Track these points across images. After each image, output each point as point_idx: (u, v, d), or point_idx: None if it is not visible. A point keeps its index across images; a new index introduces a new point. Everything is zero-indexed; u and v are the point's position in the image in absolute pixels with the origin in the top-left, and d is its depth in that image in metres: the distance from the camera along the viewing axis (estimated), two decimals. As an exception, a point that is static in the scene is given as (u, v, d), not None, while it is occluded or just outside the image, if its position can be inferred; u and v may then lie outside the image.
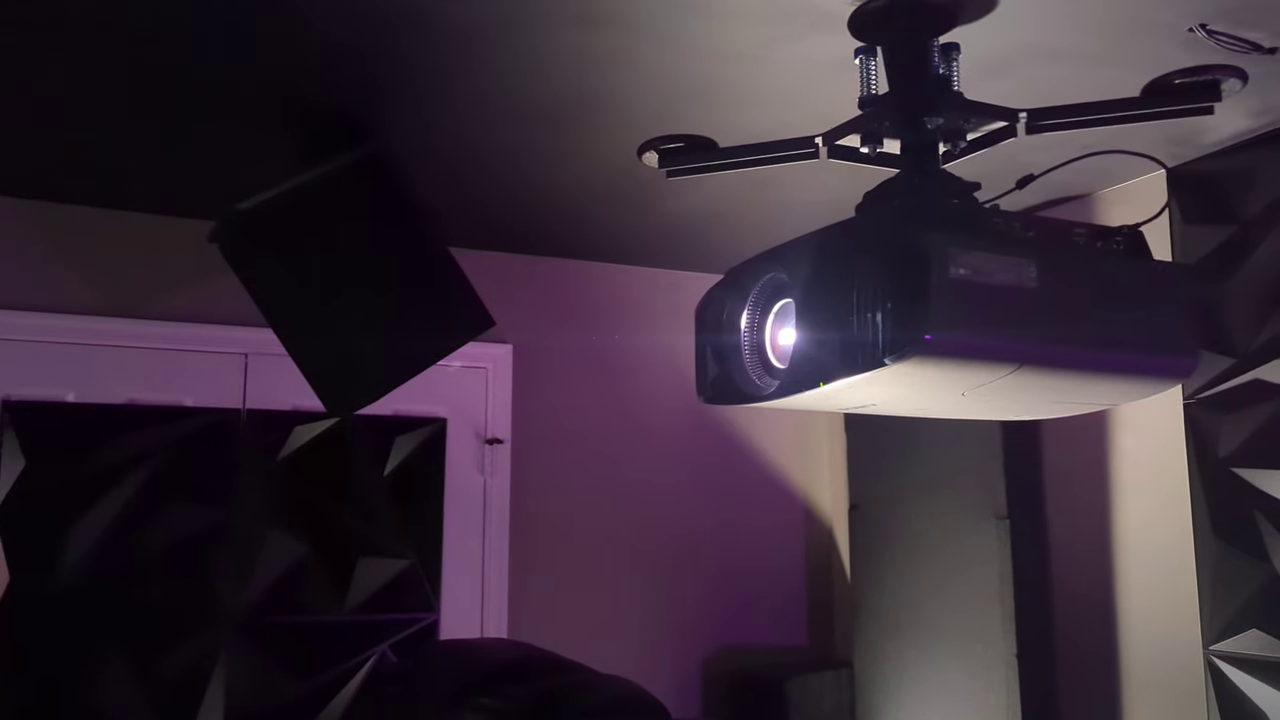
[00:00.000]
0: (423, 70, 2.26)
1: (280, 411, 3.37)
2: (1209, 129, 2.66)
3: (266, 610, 3.26)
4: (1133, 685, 3.05)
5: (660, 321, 3.98)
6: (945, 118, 1.68)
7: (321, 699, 3.28)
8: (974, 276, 1.36)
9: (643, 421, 3.94)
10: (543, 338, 3.79)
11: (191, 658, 3.16)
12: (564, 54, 2.17)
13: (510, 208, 3.27)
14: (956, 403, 1.58)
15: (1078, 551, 3.21)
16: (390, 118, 2.49)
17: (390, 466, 3.51)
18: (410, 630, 3.43)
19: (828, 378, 1.47)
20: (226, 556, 3.23)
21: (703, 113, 2.39)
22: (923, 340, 1.34)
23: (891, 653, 3.61)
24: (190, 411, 3.27)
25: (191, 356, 3.31)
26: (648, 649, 3.78)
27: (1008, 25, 2.03)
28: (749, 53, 2.16)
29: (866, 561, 3.78)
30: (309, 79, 2.31)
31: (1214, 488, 2.74)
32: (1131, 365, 1.51)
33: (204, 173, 2.92)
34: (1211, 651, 2.71)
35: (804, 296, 1.53)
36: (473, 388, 3.69)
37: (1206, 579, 2.74)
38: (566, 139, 2.64)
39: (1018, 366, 1.42)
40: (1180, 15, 2.03)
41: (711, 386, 1.76)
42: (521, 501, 3.70)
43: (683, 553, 3.92)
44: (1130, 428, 3.09)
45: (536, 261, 3.82)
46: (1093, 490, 3.17)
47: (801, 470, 4.21)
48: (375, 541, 3.44)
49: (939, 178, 1.67)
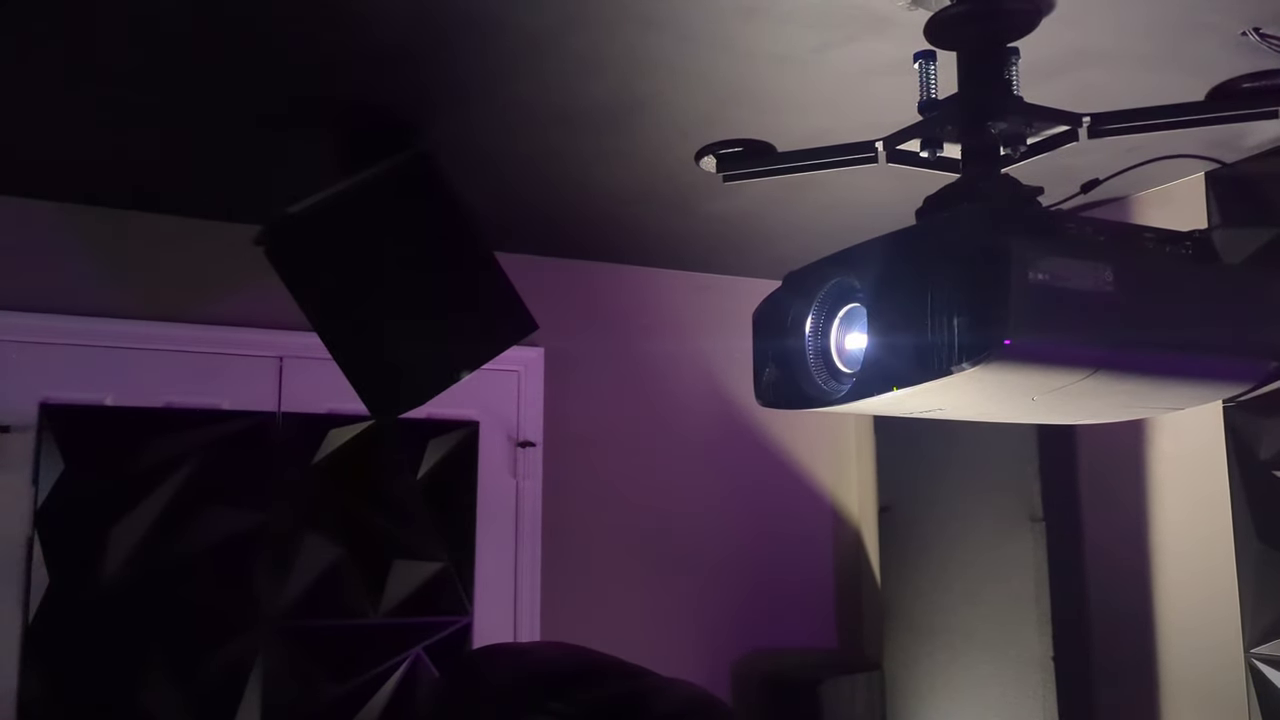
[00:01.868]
0: (473, 73, 2.27)
1: (315, 415, 3.38)
2: (1249, 132, 2.66)
3: (303, 612, 3.26)
4: (1172, 689, 3.04)
5: (691, 325, 3.98)
6: (1008, 122, 1.68)
7: (358, 701, 3.28)
8: (1053, 281, 1.36)
9: (672, 425, 3.95)
10: (574, 341, 3.80)
11: (229, 660, 3.17)
12: (615, 57, 2.18)
13: (553, 210, 3.27)
14: (1026, 407, 1.58)
15: (1114, 555, 3.20)
16: (439, 121, 2.50)
17: (424, 470, 3.51)
18: (444, 633, 3.44)
19: (901, 382, 1.46)
20: (263, 559, 3.24)
21: (752, 116, 2.40)
22: (1002, 345, 1.34)
23: (923, 656, 3.60)
24: (227, 415, 3.28)
25: (228, 360, 3.32)
26: (678, 651, 3.78)
27: (1061, 30, 2.04)
28: (800, 56, 2.16)
29: (897, 564, 3.78)
30: (358, 82, 2.32)
31: (1255, 490, 2.74)
32: (1205, 369, 1.51)
33: (243, 176, 2.93)
34: (1253, 654, 2.71)
35: (875, 300, 1.53)
36: (505, 391, 3.70)
37: (1248, 581, 2.74)
38: (615, 142, 2.64)
39: (1094, 371, 1.42)
40: (1232, 19, 2.03)
41: (771, 391, 1.76)
42: (553, 504, 3.70)
43: (713, 555, 3.93)
44: (1168, 430, 3.08)
45: (567, 265, 3.82)
46: (1129, 493, 3.17)
47: (830, 472, 4.21)
48: (409, 544, 3.44)
49: (1004, 182, 1.67)
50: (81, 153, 2.79)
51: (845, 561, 4.19)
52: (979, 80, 1.66)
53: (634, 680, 1.60)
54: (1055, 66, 2.21)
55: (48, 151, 2.79)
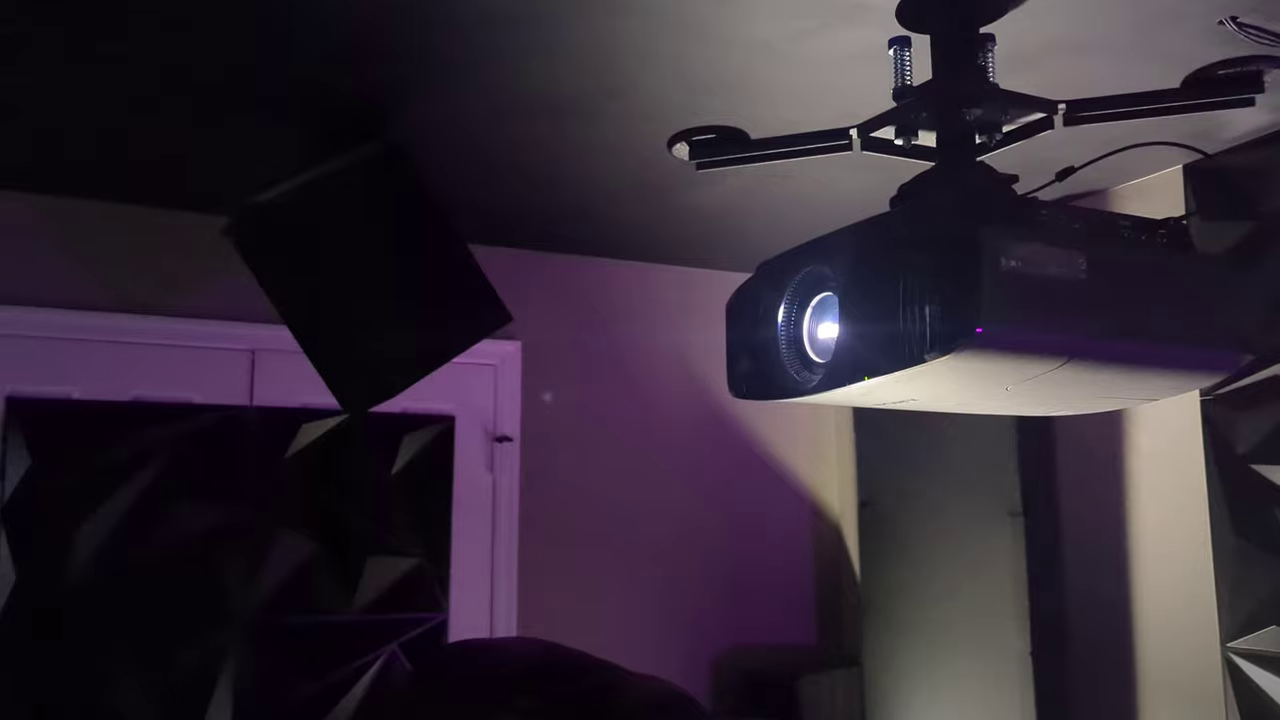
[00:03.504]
0: (444, 62, 2.23)
1: (288, 409, 3.33)
2: (1227, 124, 2.65)
3: (275, 609, 3.22)
4: (1149, 683, 3.04)
5: (670, 319, 3.96)
6: (984, 109, 1.66)
7: (331, 698, 3.25)
8: (1025, 269, 1.34)
9: (651, 419, 3.92)
10: (551, 335, 3.77)
11: (200, 657, 3.12)
12: (590, 44, 2.15)
13: (528, 202, 3.24)
14: (1000, 398, 1.56)
15: (1092, 549, 3.20)
16: (410, 110, 2.47)
17: (399, 464, 3.48)
18: (419, 629, 3.40)
19: (872, 372, 1.44)
20: (234, 555, 3.20)
21: (727, 105, 2.37)
22: (974, 333, 1.32)
23: (902, 651, 3.59)
24: (197, 409, 3.24)
25: (198, 353, 3.28)
26: (657, 647, 3.75)
27: (1038, 17, 2.02)
28: (775, 44, 2.14)
29: (877, 559, 3.76)
30: (329, 70, 2.28)
31: (1232, 484, 2.73)
32: (1178, 359, 1.49)
33: (213, 166, 2.88)
34: (1230, 648, 2.70)
35: (847, 289, 1.50)
36: (481, 385, 3.67)
37: (1225, 576, 2.73)
38: (589, 132, 2.62)
39: (1067, 360, 1.40)
40: (1210, 8, 2.02)
41: (744, 382, 1.74)
42: (530, 500, 3.67)
43: (692, 551, 3.90)
44: (1146, 424, 3.08)
45: (545, 258, 3.79)
46: (1108, 487, 3.16)
47: (810, 468, 4.19)
48: (384, 540, 3.41)
49: (979, 169, 1.65)
50: (49, 144, 2.74)
51: (825, 557, 4.17)
52: (953, 66, 1.64)
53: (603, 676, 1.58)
54: (1032, 55, 2.19)
55: (11, 141, 2.73)
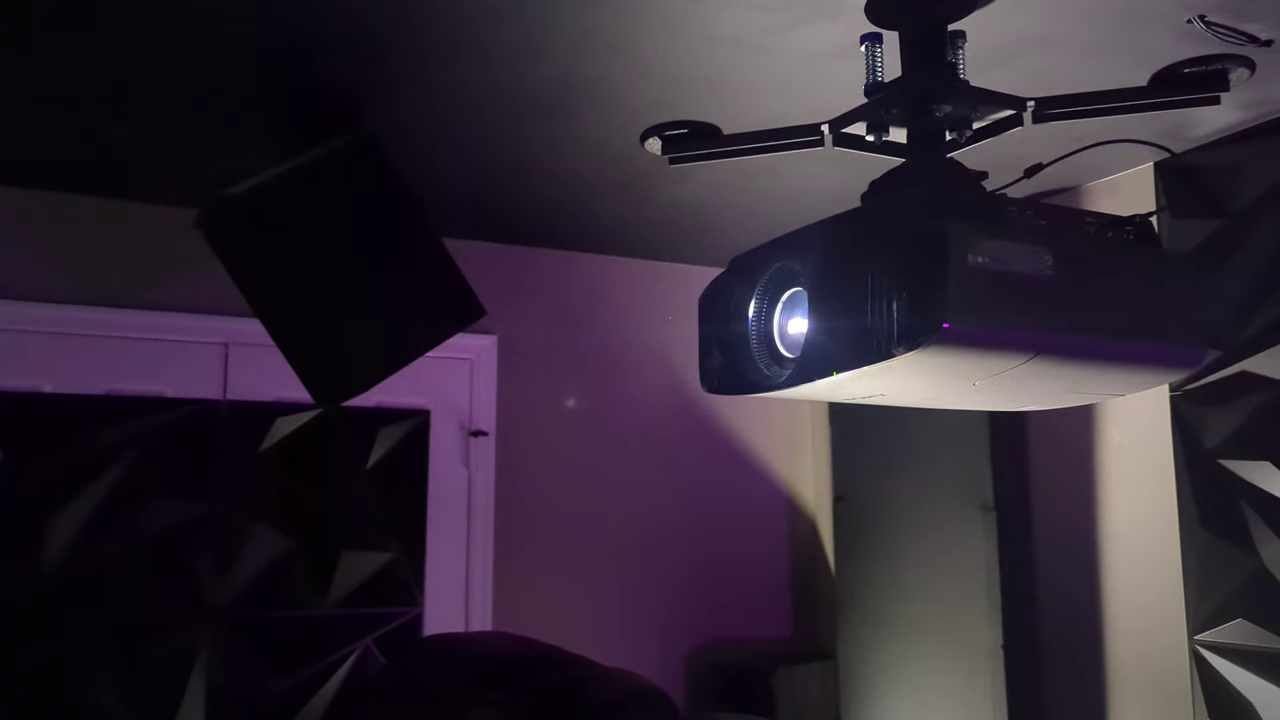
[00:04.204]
0: (419, 54, 2.23)
1: (262, 403, 3.32)
2: (1197, 122, 2.68)
3: (249, 604, 3.21)
4: (1118, 675, 3.07)
5: (646, 314, 3.96)
6: (954, 105, 1.66)
7: (305, 694, 3.24)
8: (992, 265, 1.35)
9: (627, 414, 3.92)
10: (527, 329, 3.76)
11: (173, 652, 3.11)
12: (563, 38, 2.14)
13: (501, 196, 3.23)
14: (968, 393, 1.57)
15: (1064, 543, 3.22)
16: (384, 103, 2.46)
17: (373, 459, 3.47)
18: (394, 624, 3.40)
19: (841, 367, 1.45)
20: (208, 550, 3.18)
21: (702, 100, 2.38)
22: (941, 328, 1.32)
23: (876, 644, 3.61)
24: (170, 403, 3.22)
25: (171, 346, 3.25)
26: (632, 642, 3.76)
27: (1009, 15, 2.03)
28: (749, 39, 2.14)
29: (851, 553, 3.78)
30: (300, 61, 2.26)
31: (1201, 479, 2.76)
32: (1144, 354, 1.50)
33: (186, 158, 2.86)
34: (1197, 641, 2.73)
35: (816, 285, 1.51)
36: (457, 380, 3.66)
37: (1193, 569, 2.76)
38: (563, 126, 2.61)
39: (1033, 355, 1.41)
40: (1178, 7, 2.03)
41: (716, 377, 1.74)
42: (506, 494, 3.67)
43: (667, 546, 3.91)
44: (1117, 419, 3.11)
45: (520, 252, 3.79)
46: (1079, 481, 3.19)
47: (786, 462, 4.21)
48: (358, 534, 3.40)
49: (949, 166, 1.65)
50: (19, 135, 2.71)
51: (800, 551, 4.19)
52: (922, 62, 1.64)
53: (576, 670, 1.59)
54: (1003, 53, 2.21)
55: (-20, 131, 2.71)
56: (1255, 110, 2.59)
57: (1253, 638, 2.61)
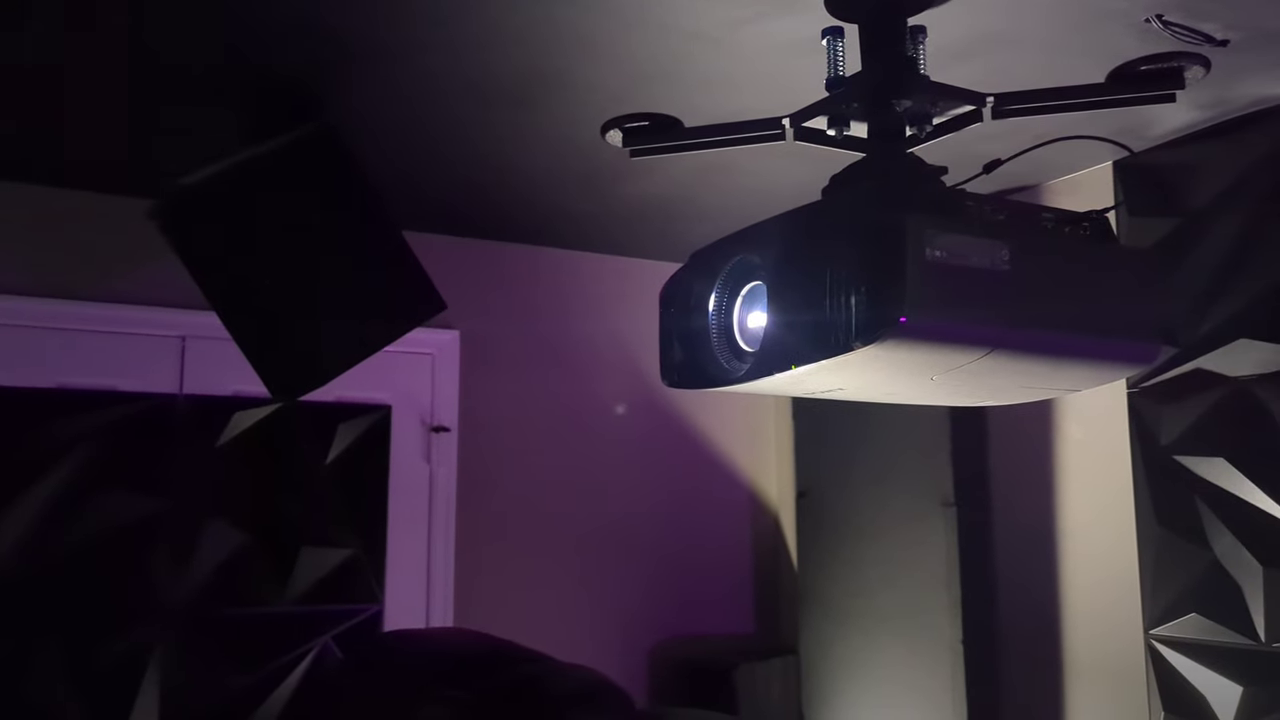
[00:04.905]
0: (379, 43, 2.20)
1: (219, 397, 3.27)
2: (1155, 122, 2.71)
3: (205, 601, 3.16)
4: (1075, 669, 3.10)
5: (610, 309, 3.95)
6: (914, 100, 1.67)
7: (262, 692, 3.19)
8: (949, 259, 1.36)
9: (591, 410, 3.91)
10: (490, 324, 3.74)
11: (126, 650, 3.05)
12: (526, 29, 2.13)
13: (463, 189, 3.21)
14: (926, 388, 1.57)
15: (1023, 538, 3.25)
16: (343, 92, 2.43)
17: (333, 454, 3.43)
18: (354, 621, 3.36)
19: (799, 360, 1.45)
20: (163, 546, 3.13)
21: (667, 94, 2.37)
22: (898, 322, 1.33)
23: (838, 639, 3.63)
24: (125, 397, 3.16)
25: (126, 339, 3.20)
26: (594, 637, 3.75)
27: (968, 11, 2.04)
28: (713, 33, 2.13)
29: (814, 548, 3.79)
30: (256, 49, 2.23)
31: (1156, 475, 2.80)
32: (1100, 349, 1.52)
33: (140, 147, 2.81)
34: (1152, 635, 2.76)
35: (775, 279, 1.51)
36: (418, 374, 3.63)
37: (1148, 564, 2.80)
38: (525, 118, 2.59)
39: (990, 350, 1.42)
40: (1136, 5, 2.05)
41: (676, 371, 1.74)
42: (468, 490, 3.64)
43: (630, 542, 3.90)
44: (1075, 416, 3.14)
45: (484, 246, 3.76)
46: (1038, 477, 3.22)
47: (749, 457, 4.21)
48: (317, 530, 3.36)
49: (908, 161, 1.66)
50: (-35, 119, 2.66)
51: (763, 547, 4.20)
52: (883, 56, 1.65)
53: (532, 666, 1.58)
54: (963, 49, 2.21)
55: (-72, 117, 2.65)
56: (1212, 110, 2.62)
57: (1206, 632, 2.64)
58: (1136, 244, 2.83)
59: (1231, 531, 2.60)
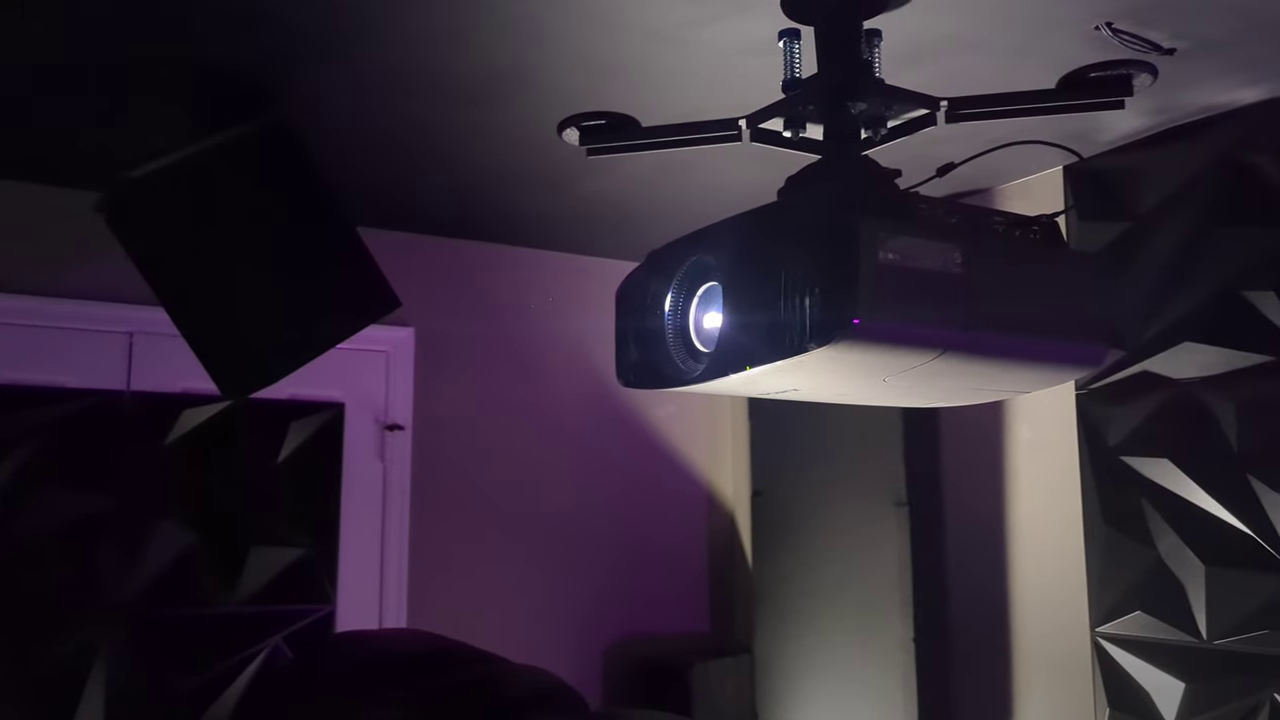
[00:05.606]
0: (334, 36, 2.17)
1: (168, 394, 3.22)
2: (1104, 128, 2.75)
3: (152, 601, 3.11)
4: (1024, 666, 3.14)
5: (567, 307, 3.93)
6: (868, 103, 1.68)
7: (211, 694, 3.15)
8: (902, 261, 1.37)
9: (546, 409, 3.90)
10: (446, 322, 3.71)
11: (71, 651, 3.00)
12: (481, 25, 2.11)
13: (418, 186, 3.18)
14: (879, 389, 1.58)
15: (974, 537, 3.29)
16: (298, 86, 2.39)
17: (285, 453, 3.38)
18: (305, 621, 3.32)
19: (754, 361, 1.45)
20: (109, 545, 3.08)
21: (624, 93, 2.36)
22: (851, 324, 1.33)
23: (792, 638, 3.65)
24: (71, 393, 3.10)
25: (72, 335, 3.14)
26: (549, 637, 3.74)
27: (923, 16, 2.06)
28: (670, 32, 2.13)
29: (768, 548, 3.81)
30: (207, 40, 2.19)
31: (1103, 475, 2.84)
32: (1048, 352, 1.54)
33: (88, 138, 2.76)
34: (1098, 633, 2.81)
35: (730, 279, 1.51)
36: (372, 372, 3.59)
37: (1095, 563, 2.84)
38: (481, 115, 2.58)
39: (942, 352, 1.43)
40: (1086, 13, 2.08)
41: (632, 370, 1.74)
42: (422, 489, 3.62)
43: (585, 541, 3.89)
44: (1025, 417, 3.18)
45: (440, 243, 3.74)
46: (989, 477, 3.26)
47: (705, 456, 4.22)
48: (268, 530, 3.31)
49: (863, 163, 1.67)
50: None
51: (718, 546, 4.21)
52: (838, 59, 1.66)
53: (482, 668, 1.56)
54: (917, 54, 2.23)
55: None
56: (1159, 117, 2.67)
57: (1150, 629, 2.69)
58: (1086, 248, 2.88)
59: (1175, 531, 2.65)
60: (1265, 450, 2.49)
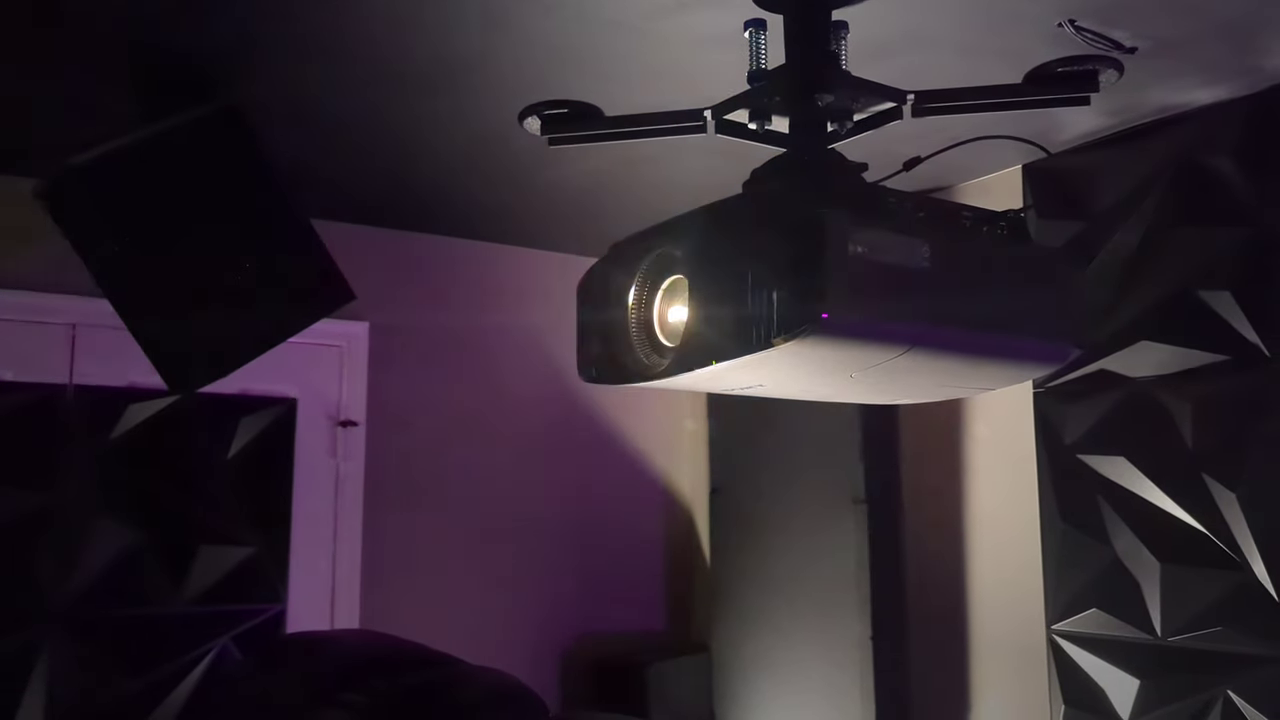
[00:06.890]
0: (286, 22, 2.11)
1: (112, 388, 3.13)
2: (1064, 127, 2.76)
3: (94, 602, 3.03)
4: (980, 663, 3.16)
5: (524, 303, 3.89)
6: (835, 95, 1.66)
7: (157, 696, 3.07)
8: (870, 255, 1.34)
9: (503, 405, 3.85)
10: (402, 316, 3.65)
11: (9, 654, 2.91)
12: (439, 11, 2.06)
13: (374, 177, 3.13)
14: (845, 385, 1.56)
15: (931, 535, 3.30)
16: (250, 74, 2.33)
17: (235, 449, 3.31)
18: (255, 621, 3.25)
19: (721, 356, 1.42)
20: (48, 544, 2.99)
21: (584, 83, 2.33)
22: (820, 318, 1.31)
23: (750, 637, 3.63)
24: (9, 386, 3.01)
25: (11, 327, 3.05)
26: (506, 636, 3.69)
27: (890, 9, 2.05)
28: (632, 22, 2.10)
29: (726, 546, 3.80)
30: (156, 23, 2.12)
31: (1060, 473, 2.86)
32: (1014, 349, 1.53)
33: (29, 122, 2.67)
34: (1054, 630, 2.82)
35: (696, 272, 1.48)
36: (325, 367, 3.52)
37: (1051, 560, 2.86)
38: (441, 102, 2.53)
39: (908, 348, 1.41)
40: (1050, 10, 2.08)
41: (594, 366, 1.69)
42: (376, 487, 3.56)
43: (542, 539, 3.85)
44: (983, 415, 3.19)
45: (396, 236, 3.67)
46: (946, 475, 3.27)
47: (663, 454, 4.20)
48: (217, 528, 3.24)
49: (829, 156, 1.65)
50: None
51: (676, 544, 4.19)
52: (805, 50, 1.63)
53: (437, 669, 1.52)
54: (884, 48, 2.22)
55: None
56: (1118, 117, 2.69)
57: (1105, 626, 2.71)
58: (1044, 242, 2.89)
59: (1131, 529, 2.67)
60: (1220, 449, 2.51)
